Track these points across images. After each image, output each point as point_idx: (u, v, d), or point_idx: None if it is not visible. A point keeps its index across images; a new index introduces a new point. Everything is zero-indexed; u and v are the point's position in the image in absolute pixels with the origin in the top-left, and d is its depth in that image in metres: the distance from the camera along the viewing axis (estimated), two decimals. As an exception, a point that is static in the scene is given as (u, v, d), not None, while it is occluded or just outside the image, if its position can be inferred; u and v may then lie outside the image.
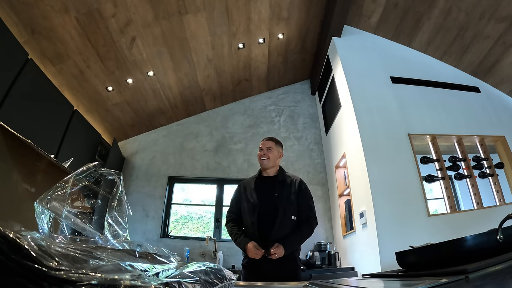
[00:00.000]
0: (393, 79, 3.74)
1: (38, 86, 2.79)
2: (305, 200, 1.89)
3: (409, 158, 3.12)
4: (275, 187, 1.87)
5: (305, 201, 1.89)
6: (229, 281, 0.60)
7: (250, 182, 1.97)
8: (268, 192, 1.85)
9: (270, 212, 1.78)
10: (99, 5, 2.93)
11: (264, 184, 1.91)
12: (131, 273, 0.37)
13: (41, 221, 0.58)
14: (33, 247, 0.31)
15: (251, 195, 1.88)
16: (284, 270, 1.71)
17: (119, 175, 0.80)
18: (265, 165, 1.91)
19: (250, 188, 1.91)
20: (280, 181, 1.91)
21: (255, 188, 1.89)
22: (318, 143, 4.82)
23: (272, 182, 1.90)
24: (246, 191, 1.93)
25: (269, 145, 1.93)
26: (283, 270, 1.71)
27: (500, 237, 0.59)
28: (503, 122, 3.59)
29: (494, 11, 3.28)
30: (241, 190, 1.96)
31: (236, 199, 1.98)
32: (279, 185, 1.88)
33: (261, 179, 1.95)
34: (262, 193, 1.86)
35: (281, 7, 3.84)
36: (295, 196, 1.86)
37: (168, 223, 4.32)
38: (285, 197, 1.83)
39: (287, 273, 1.72)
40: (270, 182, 1.91)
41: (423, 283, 0.49)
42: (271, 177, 1.94)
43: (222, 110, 5.09)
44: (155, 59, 3.79)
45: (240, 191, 1.97)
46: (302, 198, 1.88)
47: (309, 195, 1.94)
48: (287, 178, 1.94)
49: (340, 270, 3.41)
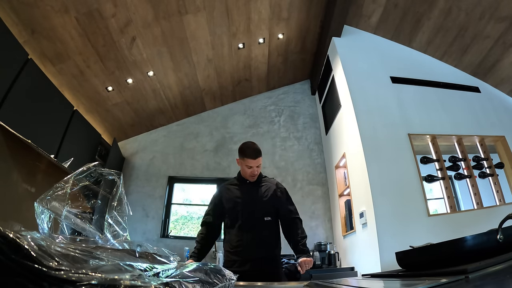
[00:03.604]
0: (393, 79, 3.74)
1: (38, 86, 2.79)
2: (284, 204, 1.92)
3: (409, 158, 3.12)
4: (255, 191, 1.90)
5: (285, 205, 1.91)
6: (229, 281, 0.60)
7: (231, 185, 1.97)
8: (249, 195, 1.88)
9: (251, 214, 1.82)
10: (99, 5, 2.93)
11: (245, 187, 1.92)
12: (131, 273, 0.37)
13: (41, 221, 0.58)
14: (33, 247, 0.31)
15: (234, 198, 1.89)
16: (265, 272, 1.72)
17: (119, 175, 0.80)
18: (252, 180, 1.92)
19: (233, 190, 1.93)
20: (259, 185, 1.93)
21: (238, 190, 1.91)
22: (318, 143, 4.82)
23: (252, 186, 1.92)
24: (228, 193, 1.93)
25: (260, 162, 1.88)
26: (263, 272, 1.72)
27: (500, 237, 0.59)
28: (503, 122, 3.59)
29: (494, 11, 3.28)
30: (223, 192, 1.95)
31: (216, 201, 1.96)
32: (258, 189, 1.91)
33: (242, 183, 1.95)
34: (244, 195, 1.88)
35: (281, 7, 3.84)
36: (273, 199, 1.88)
37: (168, 223, 4.32)
38: (264, 200, 1.86)
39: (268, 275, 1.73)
40: (250, 185, 1.93)
41: (423, 283, 0.49)
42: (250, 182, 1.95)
43: (222, 110, 5.09)
44: (155, 59, 3.79)
45: (222, 193, 1.96)
46: (280, 202, 1.90)
47: (288, 197, 1.96)
48: (264, 182, 1.97)
49: (340, 270, 3.41)
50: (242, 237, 1.78)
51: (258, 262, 1.73)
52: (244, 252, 1.76)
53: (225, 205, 1.89)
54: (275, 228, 1.88)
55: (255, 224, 1.81)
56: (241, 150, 1.88)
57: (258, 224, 1.81)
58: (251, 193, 1.90)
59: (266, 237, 1.81)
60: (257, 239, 1.78)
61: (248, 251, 1.75)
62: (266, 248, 1.80)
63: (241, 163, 1.89)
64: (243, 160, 1.85)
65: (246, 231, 1.79)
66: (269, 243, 1.83)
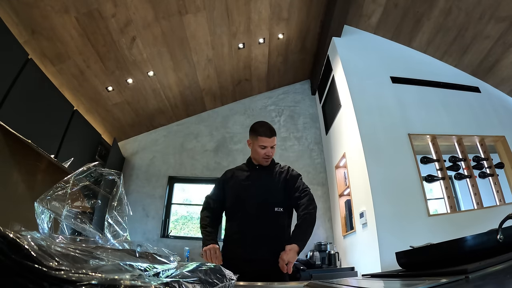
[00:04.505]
0: (393, 79, 3.74)
1: (38, 86, 2.79)
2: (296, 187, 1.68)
3: (409, 158, 3.12)
4: (267, 176, 1.70)
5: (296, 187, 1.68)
6: (229, 281, 0.60)
7: (239, 170, 1.77)
8: (260, 181, 1.67)
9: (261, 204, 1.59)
10: (99, 5, 2.93)
11: (255, 173, 1.72)
12: (131, 273, 0.37)
13: (41, 221, 0.58)
14: (33, 247, 0.31)
15: (241, 183, 1.68)
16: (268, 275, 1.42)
17: (119, 175, 0.80)
18: (265, 163, 1.71)
19: (240, 176, 1.72)
20: (272, 170, 1.73)
21: (247, 176, 1.70)
22: (318, 143, 4.82)
23: (263, 170, 1.72)
24: (234, 178, 1.72)
25: (275, 142, 1.67)
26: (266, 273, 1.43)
27: (500, 237, 0.59)
28: (503, 122, 3.59)
29: (494, 11, 3.28)
30: (228, 177, 1.75)
31: (220, 186, 1.74)
32: (271, 174, 1.71)
33: (252, 168, 1.74)
34: (255, 181, 1.67)
35: (281, 7, 3.83)
36: (286, 186, 1.68)
37: (168, 223, 4.32)
38: (278, 187, 1.66)
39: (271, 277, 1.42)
40: (261, 170, 1.72)
41: (423, 283, 0.49)
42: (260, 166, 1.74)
43: (222, 110, 5.09)
44: (155, 59, 3.79)
45: (226, 178, 1.75)
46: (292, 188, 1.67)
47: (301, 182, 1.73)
48: (277, 167, 1.77)
49: (340, 270, 3.41)
50: (244, 231, 1.55)
51: (260, 264, 1.46)
52: (244, 249, 1.51)
53: (228, 192, 1.68)
54: (286, 222, 1.62)
55: (262, 216, 1.56)
56: (254, 129, 1.68)
57: (268, 216, 1.57)
58: (263, 179, 1.67)
59: (274, 232, 1.56)
60: (264, 235, 1.53)
61: (250, 249, 1.50)
62: (272, 247, 1.49)
63: (252, 143, 1.68)
64: (256, 139, 1.64)
65: (250, 223, 1.55)
66: (277, 241, 1.52)
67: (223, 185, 1.72)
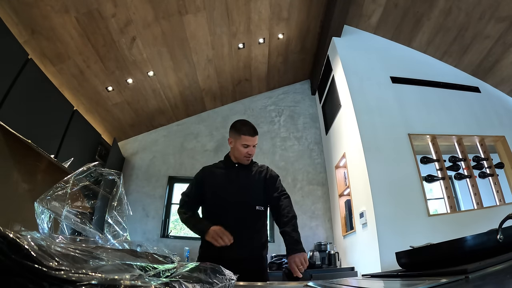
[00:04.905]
0: (393, 79, 3.74)
1: (38, 86, 2.79)
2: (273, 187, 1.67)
3: (409, 158, 3.12)
4: (246, 175, 1.68)
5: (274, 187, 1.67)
6: (229, 281, 0.60)
7: (217, 168, 1.73)
8: (239, 180, 1.65)
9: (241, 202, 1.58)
10: (99, 5, 2.93)
11: (233, 172, 1.69)
12: (131, 273, 0.37)
13: (41, 221, 0.58)
14: (33, 247, 0.31)
15: (220, 182, 1.64)
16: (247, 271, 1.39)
17: (119, 175, 0.80)
18: (246, 162, 1.69)
19: (218, 175, 1.68)
20: (250, 169, 1.71)
21: (226, 175, 1.67)
22: (318, 143, 4.82)
23: (242, 169, 1.70)
24: (213, 177, 1.68)
25: (257, 141, 1.66)
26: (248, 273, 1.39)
27: (500, 237, 0.59)
28: (503, 122, 3.59)
29: (494, 11, 3.28)
30: (206, 175, 1.70)
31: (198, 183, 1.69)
32: (250, 173, 1.69)
33: (230, 166, 1.71)
34: (234, 180, 1.64)
35: (281, 7, 3.84)
36: (265, 185, 1.66)
37: (168, 223, 4.32)
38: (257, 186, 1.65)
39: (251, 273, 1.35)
40: (240, 169, 1.70)
41: (423, 283, 0.49)
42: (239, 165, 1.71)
43: (222, 110, 5.09)
44: (155, 59, 3.79)
45: (205, 176, 1.70)
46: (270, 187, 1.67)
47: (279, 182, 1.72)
48: (255, 166, 1.74)
49: (340, 270, 3.41)
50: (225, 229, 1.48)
51: (242, 263, 1.35)
52: (225, 248, 1.41)
53: (206, 191, 1.63)
54: (265, 220, 1.63)
55: (244, 215, 1.54)
56: (236, 127, 1.66)
57: (249, 215, 1.56)
58: (242, 178, 1.65)
59: (256, 231, 1.56)
60: (245, 234, 1.50)
61: (231, 248, 1.41)
62: (253, 246, 1.51)
63: (234, 142, 1.65)
64: (239, 138, 1.62)
65: (231, 222, 1.49)
66: (258, 240, 1.55)
67: (201, 183, 1.67)
